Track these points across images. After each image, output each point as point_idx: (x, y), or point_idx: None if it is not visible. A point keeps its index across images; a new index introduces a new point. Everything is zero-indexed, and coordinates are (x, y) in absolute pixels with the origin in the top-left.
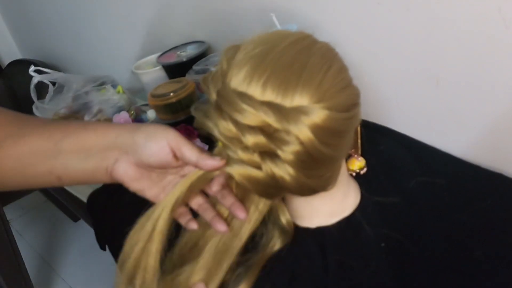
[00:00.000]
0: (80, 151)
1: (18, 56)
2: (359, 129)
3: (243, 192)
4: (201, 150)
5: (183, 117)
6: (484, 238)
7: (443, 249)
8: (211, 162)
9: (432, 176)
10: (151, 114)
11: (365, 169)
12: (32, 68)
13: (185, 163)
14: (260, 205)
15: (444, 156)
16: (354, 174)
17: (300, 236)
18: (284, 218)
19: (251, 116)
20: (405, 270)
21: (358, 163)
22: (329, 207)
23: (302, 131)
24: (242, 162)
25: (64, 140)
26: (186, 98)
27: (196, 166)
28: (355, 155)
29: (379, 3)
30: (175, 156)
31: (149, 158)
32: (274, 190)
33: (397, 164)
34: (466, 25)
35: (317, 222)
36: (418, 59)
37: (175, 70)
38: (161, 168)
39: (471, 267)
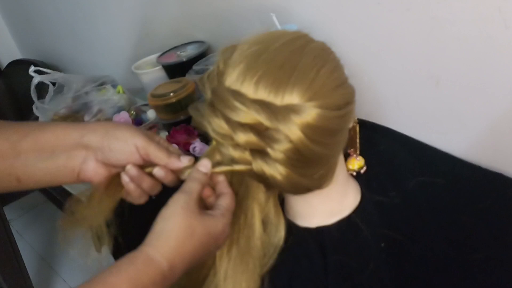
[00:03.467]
0: (42, 151)
1: (18, 56)
2: (357, 128)
3: (243, 189)
4: (169, 153)
5: (183, 117)
6: (484, 238)
7: (443, 249)
8: (177, 163)
9: (432, 176)
10: (151, 114)
11: (364, 168)
12: (32, 68)
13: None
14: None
15: (444, 156)
16: (354, 173)
17: (300, 236)
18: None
19: (243, 114)
20: (405, 270)
21: (357, 163)
22: (328, 206)
23: (291, 129)
24: (234, 159)
25: (23, 141)
26: (186, 98)
27: (166, 166)
28: (354, 155)
29: (379, 3)
30: (142, 158)
31: (117, 160)
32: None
33: (397, 164)
34: (466, 25)
35: (317, 222)
36: (418, 59)
37: (175, 70)
38: None
39: (471, 267)
